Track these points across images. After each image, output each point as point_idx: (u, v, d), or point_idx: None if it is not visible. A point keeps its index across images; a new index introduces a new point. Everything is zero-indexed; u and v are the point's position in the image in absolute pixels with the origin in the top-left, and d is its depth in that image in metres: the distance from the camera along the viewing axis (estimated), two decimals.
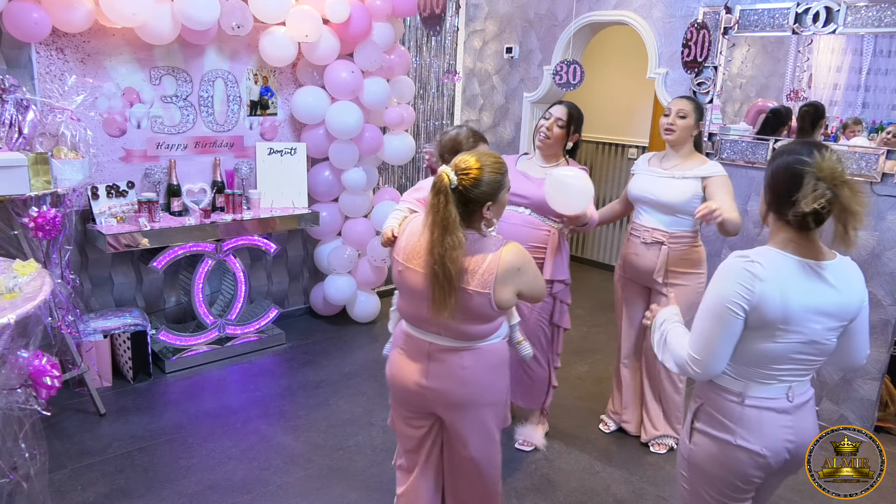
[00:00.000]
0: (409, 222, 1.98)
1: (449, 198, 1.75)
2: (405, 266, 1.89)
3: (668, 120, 2.88)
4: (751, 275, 1.54)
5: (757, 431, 1.64)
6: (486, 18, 4.96)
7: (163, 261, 3.53)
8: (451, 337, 1.91)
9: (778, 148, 1.66)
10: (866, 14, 3.12)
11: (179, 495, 2.67)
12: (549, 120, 2.82)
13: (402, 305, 2.00)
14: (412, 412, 2.07)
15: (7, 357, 1.98)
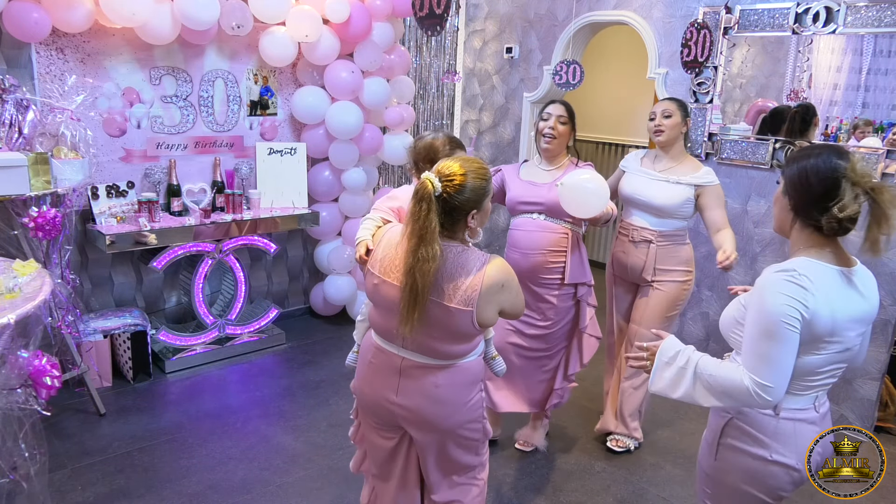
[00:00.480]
0: (386, 232, 1.89)
1: (431, 206, 1.64)
2: (381, 280, 1.80)
3: (654, 122, 2.89)
4: (803, 290, 1.48)
5: (792, 444, 1.61)
6: (486, 18, 4.96)
7: (163, 261, 3.54)
8: (427, 355, 1.81)
9: (797, 152, 1.61)
10: (866, 14, 3.12)
11: (179, 495, 2.67)
12: (551, 119, 2.79)
13: (375, 319, 1.91)
14: (381, 424, 1.97)
15: (7, 357, 1.98)
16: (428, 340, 1.77)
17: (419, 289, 1.64)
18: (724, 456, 1.67)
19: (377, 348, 1.90)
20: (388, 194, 2.22)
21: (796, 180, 1.55)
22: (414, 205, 1.66)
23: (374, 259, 1.86)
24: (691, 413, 3.56)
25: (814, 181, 1.51)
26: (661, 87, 3.96)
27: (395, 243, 1.78)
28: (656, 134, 2.89)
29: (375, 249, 1.87)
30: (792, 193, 1.56)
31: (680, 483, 2.94)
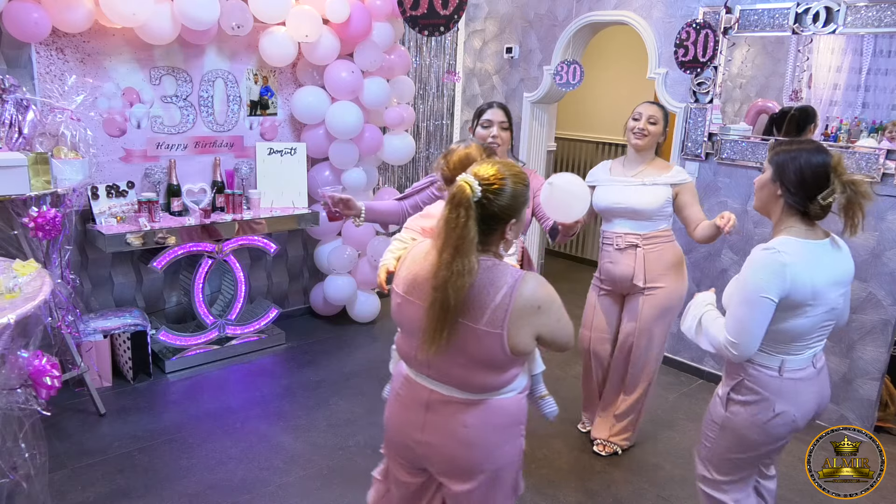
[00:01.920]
0: (412, 249, 1.71)
1: (470, 213, 1.46)
2: (404, 298, 1.62)
3: (639, 124, 2.86)
4: (781, 264, 1.73)
5: (793, 400, 1.87)
6: (486, 18, 4.96)
7: (163, 261, 3.54)
8: (455, 386, 1.61)
9: (785, 146, 1.82)
10: (866, 14, 3.12)
11: (179, 495, 2.67)
12: (492, 127, 2.58)
13: (400, 344, 1.73)
14: (407, 464, 1.79)
15: (7, 357, 1.98)
16: (455, 368, 1.58)
17: (450, 306, 1.46)
18: (733, 409, 1.92)
19: (406, 378, 1.72)
20: (421, 212, 2.04)
21: (792, 174, 1.78)
22: (449, 211, 1.47)
23: (397, 277, 1.67)
24: (691, 413, 3.56)
25: (808, 175, 1.77)
26: (661, 87, 3.96)
27: (421, 258, 1.60)
28: (638, 137, 2.86)
29: (400, 266, 1.69)
30: (786, 183, 1.79)
31: (680, 483, 2.94)
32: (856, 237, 1.86)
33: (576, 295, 5.48)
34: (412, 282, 1.60)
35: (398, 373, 1.78)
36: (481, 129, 2.59)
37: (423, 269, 1.56)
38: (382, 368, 3.91)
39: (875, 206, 3.21)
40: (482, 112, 2.61)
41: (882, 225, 3.20)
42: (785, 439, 1.96)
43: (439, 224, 1.50)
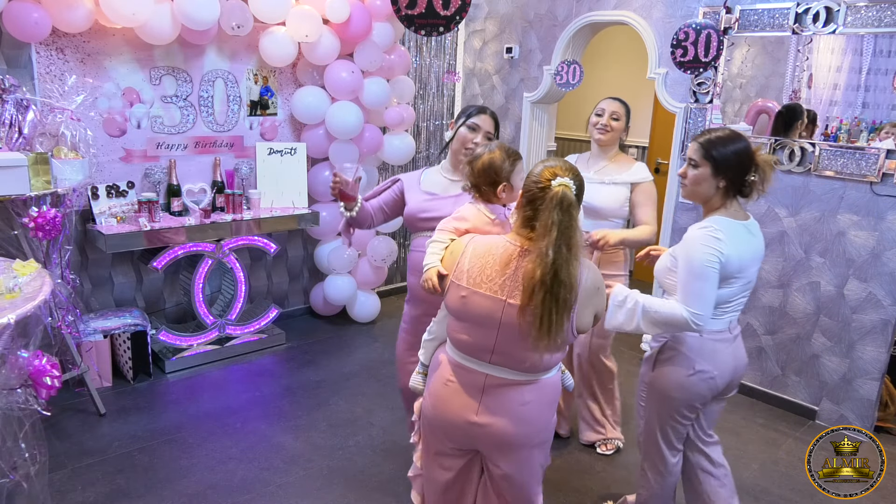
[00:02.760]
0: (468, 243, 1.79)
1: (577, 212, 1.63)
2: (472, 291, 1.72)
3: (602, 120, 2.88)
4: (717, 240, 1.95)
5: (711, 359, 2.08)
6: (486, 18, 4.96)
7: (163, 261, 3.54)
8: (515, 369, 1.75)
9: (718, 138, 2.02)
10: (866, 14, 3.12)
11: (179, 495, 2.67)
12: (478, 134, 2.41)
13: (458, 335, 1.80)
14: (453, 449, 1.89)
15: (7, 357, 1.98)
16: (523, 353, 1.71)
17: (570, 301, 1.61)
18: (660, 369, 2.13)
19: (457, 366, 1.82)
20: (454, 215, 2.01)
21: (733, 160, 2.00)
22: (556, 214, 1.60)
23: (459, 270, 1.76)
24: None
25: (744, 160, 2.01)
26: (660, 87, 3.96)
27: (484, 253, 1.73)
28: (601, 132, 2.89)
29: (460, 260, 1.77)
30: (727, 174, 2.01)
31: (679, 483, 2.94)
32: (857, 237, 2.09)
33: None
34: (479, 275, 1.72)
35: (444, 361, 1.87)
36: (466, 130, 2.41)
37: (492, 266, 1.71)
38: (383, 368, 3.92)
39: (875, 206, 3.21)
40: (471, 114, 2.44)
41: (882, 225, 3.20)
42: (705, 398, 2.13)
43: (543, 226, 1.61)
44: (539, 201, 1.65)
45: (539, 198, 1.66)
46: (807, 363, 3.53)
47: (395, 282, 5.26)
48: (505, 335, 1.71)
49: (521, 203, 1.73)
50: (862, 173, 3.20)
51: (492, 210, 1.96)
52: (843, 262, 3.34)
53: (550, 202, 1.62)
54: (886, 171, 3.13)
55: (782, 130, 3.55)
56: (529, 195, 1.70)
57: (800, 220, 3.48)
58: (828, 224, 3.38)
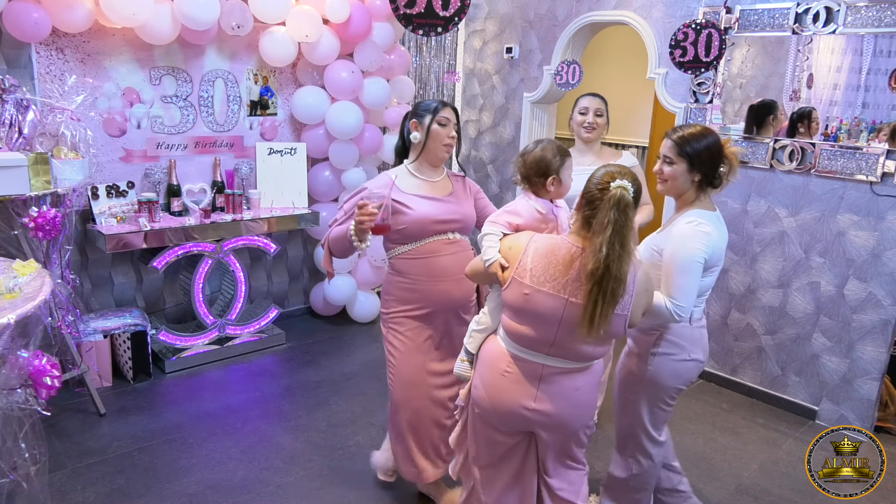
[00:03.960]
0: (530, 242, 1.87)
1: (634, 211, 1.74)
2: (535, 289, 1.81)
3: (588, 118, 2.99)
4: (706, 234, 2.04)
5: (700, 344, 2.21)
6: (486, 18, 4.96)
7: (163, 261, 3.53)
8: (571, 359, 1.88)
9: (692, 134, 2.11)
10: (866, 14, 3.12)
11: (179, 495, 2.67)
12: (450, 126, 2.41)
13: (518, 330, 1.89)
14: (508, 430, 2.02)
15: (7, 357, 1.98)
16: (581, 346, 1.83)
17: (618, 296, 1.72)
18: (657, 362, 2.18)
19: (513, 357, 1.93)
20: (507, 209, 2.04)
21: (706, 155, 2.09)
22: (613, 213, 1.71)
23: (521, 269, 1.85)
24: (690, 413, 3.56)
25: (715, 153, 2.10)
26: (660, 87, 3.96)
27: (547, 252, 1.82)
28: (588, 130, 3.00)
29: (522, 258, 1.86)
30: (702, 168, 2.10)
31: None
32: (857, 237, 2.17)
33: None
34: (543, 274, 1.81)
35: (497, 352, 1.96)
36: (439, 127, 2.38)
37: (555, 265, 1.80)
38: (383, 368, 3.90)
39: (875, 206, 3.21)
40: (437, 110, 2.40)
41: (882, 225, 3.20)
42: (693, 381, 2.32)
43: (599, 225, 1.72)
44: (597, 202, 1.75)
45: (598, 199, 1.75)
46: (807, 363, 3.53)
47: None
48: (565, 330, 1.81)
49: (581, 204, 1.82)
50: (862, 173, 3.20)
51: (543, 205, 2.06)
52: (843, 262, 3.34)
53: (608, 202, 1.71)
54: (886, 171, 3.13)
55: (754, 124, 3.63)
56: (589, 196, 1.79)
57: (800, 220, 3.48)
58: (828, 224, 3.38)
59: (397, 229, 2.35)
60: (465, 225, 2.46)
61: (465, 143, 5.29)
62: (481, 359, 2.04)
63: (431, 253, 2.39)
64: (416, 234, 2.37)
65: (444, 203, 2.42)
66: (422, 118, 2.40)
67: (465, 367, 2.15)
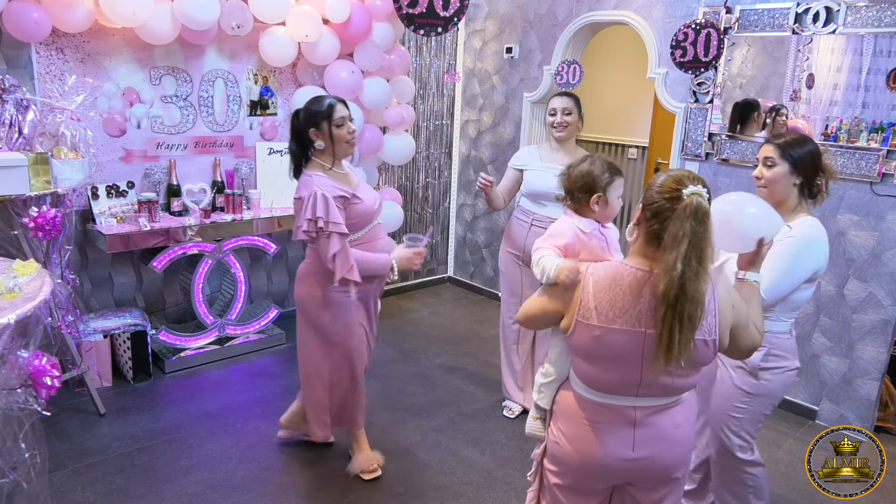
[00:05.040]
0: (587, 278, 1.62)
1: (710, 223, 1.49)
2: (606, 329, 1.58)
3: (556, 119, 3.08)
4: (824, 243, 2.10)
5: (798, 354, 2.25)
6: (486, 18, 4.96)
7: (163, 261, 3.53)
8: (664, 395, 1.66)
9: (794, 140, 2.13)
10: (866, 14, 3.12)
11: (179, 495, 2.67)
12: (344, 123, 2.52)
13: (596, 375, 1.66)
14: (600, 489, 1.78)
15: (7, 357, 1.98)
16: (668, 378, 1.60)
17: (697, 317, 1.49)
18: (767, 377, 2.17)
19: (600, 407, 1.68)
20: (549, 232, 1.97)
21: (808, 159, 2.10)
22: (690, 224, 1.47)
23: (584, 309, 1.61)
24: None
25: (816, 158, 2.11)
26: (661, 88, 3.96)
27: (610, 285, 1.59)
28: (559, 130, 3.09)
29: (582, 297, 1.61)
30: (802, 171, 2.10)
31: None
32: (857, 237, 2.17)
33: None
34: (610, 310, 1.58)
35: (575, 402, 1.73)
36: (337, 129, 2.48)
37: (624, 298, 1.57)
38: (382, 368, 3.92)
39: (875, 206, 3.21)
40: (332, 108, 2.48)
41: (882, 225, 3.20)
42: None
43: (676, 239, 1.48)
44: (667, 213, 1.51)
45: (666, 209, 1.51)
46: (807, 363, 3.53)
47: (395, 282, 5.26)
48: (650, 367, 1.58)
49: (644, 218, 1.58)
50: (862, 173, 3.20)
51: (587, 224, 1.93)
52: (843, 262, 3.34)
53: (683, 212, 1.48)
54: (886, 171, 3.13)
55: (738, 121, 3.67)
56: (655, 207, 1.54)
57: None
58: (828, 224, 3.36)
59: (350, 222, 2.52)
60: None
61: (465, 142, 5.30)
62: (559, 413, 1.79)
63: (374, 237, 2.66)
64: (364, 223, 2.59)
65: (370, 191, 2.68)
66: (319, 126, 2.48)
67: (537, 425, 1.92)
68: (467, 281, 5.48)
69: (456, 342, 4.37)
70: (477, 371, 3.94)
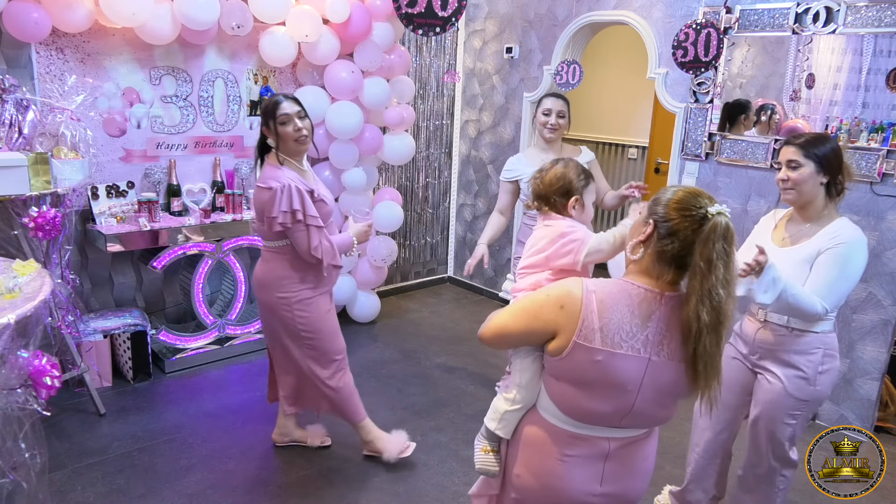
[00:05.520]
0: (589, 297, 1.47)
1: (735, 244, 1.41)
2: (609, 353, 1.43)
3: (550, 120, 3.11)
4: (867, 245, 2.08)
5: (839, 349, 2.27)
6: (486, 18, 4.96)
7: (163, 261, 3.54)
8: (645, 426, 1.57)
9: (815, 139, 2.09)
10: (866, 14, 3.12)
11: (179, 495, 2.67)
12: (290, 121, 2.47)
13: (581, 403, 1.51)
14: None
15: (7, 357, 1.97)
16: (658, 410, 1.52)
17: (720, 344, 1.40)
18: (823, 380, 2.17)
19: (573, 438, 1.56)
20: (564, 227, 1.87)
21: (832, 156, 2.06)
22: (724, 247, 1.37)
23: (588, 330, 1.45)
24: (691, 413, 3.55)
25: (839, 154, 2.07)
26: (661, 88, 3.96)
27: (615, 305, 1.45)
28: (551, 131, 3.12)
29: (585, 316, 1.45)
30: (828, 169, 2.06)
31: (679, 483, 2.93)
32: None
33: None
34: (616, 333, 1.44)
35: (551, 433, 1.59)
36: (282, 127, 2.46)
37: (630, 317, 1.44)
38: (382, 368, 3.92)
39: (875, 206, 3.21)
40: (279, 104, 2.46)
41: (882, 225, 3.20)
42: None
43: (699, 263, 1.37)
44: (686, 233, 1.40)
45: (686, 228, 1.40)
46: None
47: (395, 282, 5.26)
48: (645, 396, 1.47)
49: (653, 235, 1.46)
50: (862, 173, 3.20)
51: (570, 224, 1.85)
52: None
53: (712, 233, 1.37)
54: (886, 171, 3.13)
55: (728, 122, 3.71)
56: (670, 226, 1.42)
57: None
58: None
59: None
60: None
61: (465, 142, 5.30)
62: (524, 443, 1.64)
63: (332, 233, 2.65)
64: (324, 219, 2.57)
65: (327, 191, 2.68)
66: (267, 123, 2.50)
67: (491, 459, 1.73)
68: (467, 281, 5.48)
69: (456, 342, 4.37)
70: (477, 371, 3.94)
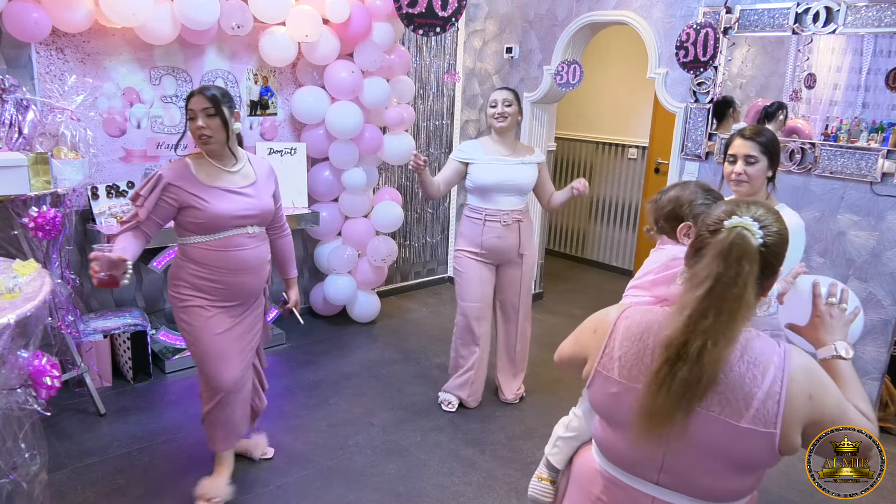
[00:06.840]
0: (619, 321, 1.33)
1: (754, 267, 1.15)
2: (626, 386, 1.27)
3: (497, 109, 3.20)
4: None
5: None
6: (486, 18, 4.96)
7: (163, 261, 3.53)
8: (694, 496, 1.27)
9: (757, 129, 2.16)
10: (866, 14, 3.12)
11: (179, 495, 2.67)
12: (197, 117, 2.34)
13: (611, 442, 1.35)
14: None
15: (7, 357, 1.97)
16: (701, 476, 1.25)
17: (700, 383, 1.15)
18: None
19: (610, 482, 1.36)
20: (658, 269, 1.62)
21: (777, 152, 2.15)
22: (722, 264, 1.15)
23: (608, 359, 1.31)
24: None
25: (779, 148, 2.18)
26: (661, 88, 3.96)
27: (640, 334, 1.28)
28: (499, 120, 3.19)
29: (609, 343, 1.32)
30: (775, 155, 2.14)
31: None
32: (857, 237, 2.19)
33: (576, 294, 5.49)
34: (636, 365, 1.27)
35: (591, 470, 1.42)
36: (190, 121, 2.35)
37: (652, 347, 1.25)
38: (383, 368, 3.92)
39: (875, 206, 3.21)
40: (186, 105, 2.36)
41: (882, 225, 3.20)
42: None
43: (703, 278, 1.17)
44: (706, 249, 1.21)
45: (707, 244, 1.21)
46: None
47: (395, 282, 5.26)
48: (676, 451, 1.24)
49: (689, 254, 1.27)
50: (861, 173, 3.20)
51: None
52: (844, 262, 3.34)
53: (714, 247, 1.17)
54: (886, 171, 3.13)
55: (717, 118, 3.75)
56: (698, 242, 1.24)
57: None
58: (828, 224, 3.38)
59: (195, 222, 2.36)
60: (263, 219, 2.54)
61: None
62: (574, 475, 1.49)
63: (232, 246, 2.43)
64: (212, 228, 2.39)
65: (242, 197, 2.42)
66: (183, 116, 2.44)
67: (544, 488, 1.60)
68: None
69: None
70: None
